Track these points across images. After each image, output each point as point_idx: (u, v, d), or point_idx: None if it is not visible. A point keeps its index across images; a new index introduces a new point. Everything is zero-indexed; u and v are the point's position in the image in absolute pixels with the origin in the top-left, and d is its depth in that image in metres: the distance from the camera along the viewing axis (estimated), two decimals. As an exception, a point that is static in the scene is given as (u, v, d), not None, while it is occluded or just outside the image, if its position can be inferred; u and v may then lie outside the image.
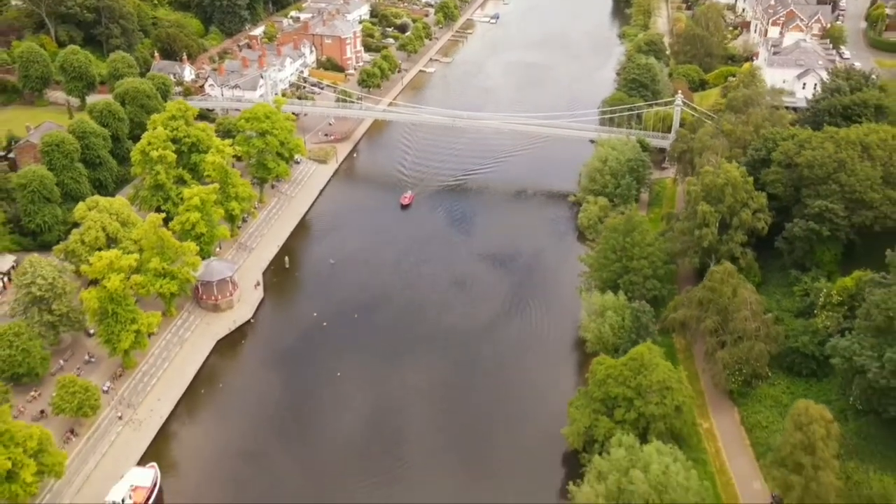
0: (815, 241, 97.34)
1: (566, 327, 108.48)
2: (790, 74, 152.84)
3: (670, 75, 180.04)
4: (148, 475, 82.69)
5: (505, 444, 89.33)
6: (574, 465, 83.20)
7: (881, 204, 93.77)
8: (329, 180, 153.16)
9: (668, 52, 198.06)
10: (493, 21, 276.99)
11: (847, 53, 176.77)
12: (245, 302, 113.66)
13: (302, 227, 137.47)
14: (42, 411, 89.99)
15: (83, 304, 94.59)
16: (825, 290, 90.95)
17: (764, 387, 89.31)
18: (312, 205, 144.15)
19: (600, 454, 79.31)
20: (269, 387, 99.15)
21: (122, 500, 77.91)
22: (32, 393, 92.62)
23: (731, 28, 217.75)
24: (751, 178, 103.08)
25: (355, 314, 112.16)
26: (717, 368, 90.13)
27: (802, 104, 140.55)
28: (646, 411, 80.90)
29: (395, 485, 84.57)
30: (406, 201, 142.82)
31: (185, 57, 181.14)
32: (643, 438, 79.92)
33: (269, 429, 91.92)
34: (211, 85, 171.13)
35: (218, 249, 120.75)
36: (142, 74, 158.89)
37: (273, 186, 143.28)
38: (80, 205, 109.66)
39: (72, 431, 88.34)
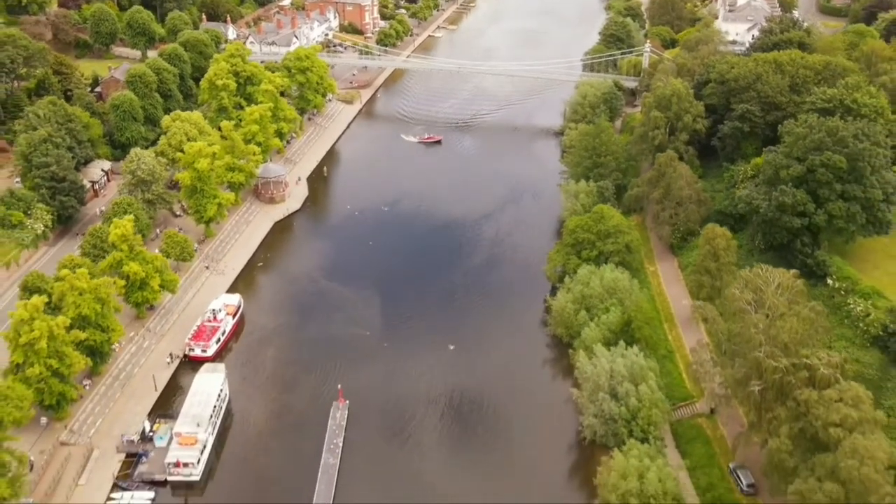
0: (740, 138, 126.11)
1: (551, 215, 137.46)
2: (742, 28, 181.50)
3: (646, 35, 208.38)
4: (235, 298, 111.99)
5: (501, 284, 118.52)
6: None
7: (787, 106, 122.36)
8: (354, 117, 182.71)
9: (645, 17, 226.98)
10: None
11: (799, 16, 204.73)
12: (294, 197, 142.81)
13: (334, 150, 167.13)
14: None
15: (179, 184, 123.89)
16: (743, 170, 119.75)
17: (696, 240, 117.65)
18: (342, 134, 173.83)
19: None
20: (318, 251, 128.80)
21: (219, 309, 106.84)
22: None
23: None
24: (692, 91, 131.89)
25: (384, 207, 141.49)
26: (662, 227, 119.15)
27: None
28: (604, 249, 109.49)
29: (414, 303, 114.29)
30: (434, 139, 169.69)
31: (228, 18, 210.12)
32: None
33: (322, 275, 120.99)
34: (251, 42, 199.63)
35: (270, 160, 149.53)
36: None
37: (310, 119, 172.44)
38: (166, 117, 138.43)
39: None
